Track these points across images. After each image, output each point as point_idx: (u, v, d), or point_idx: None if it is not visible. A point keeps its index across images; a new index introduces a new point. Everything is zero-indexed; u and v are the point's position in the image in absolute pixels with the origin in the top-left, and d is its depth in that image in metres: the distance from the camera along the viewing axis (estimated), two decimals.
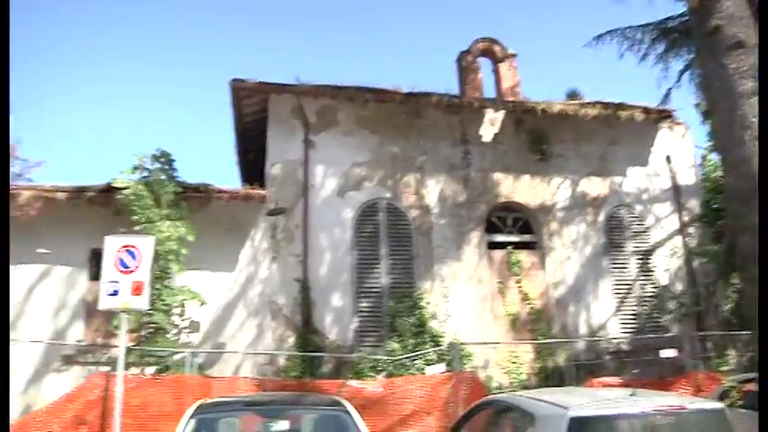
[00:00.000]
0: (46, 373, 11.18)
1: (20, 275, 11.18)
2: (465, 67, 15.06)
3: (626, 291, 13.35)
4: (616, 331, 12.98)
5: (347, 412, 5.51)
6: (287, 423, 5.69)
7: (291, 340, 11.57)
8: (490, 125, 13.47)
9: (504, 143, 13.61)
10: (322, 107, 13.02)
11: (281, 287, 11.82)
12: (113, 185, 10.75)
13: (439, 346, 11.13)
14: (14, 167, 10.38)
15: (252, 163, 14.48)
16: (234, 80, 12.30)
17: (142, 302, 8.14)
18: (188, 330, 10.77)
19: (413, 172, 13.02)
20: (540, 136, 13.74)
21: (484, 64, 15.41)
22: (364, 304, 12.12)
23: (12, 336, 10.16)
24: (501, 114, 13.59)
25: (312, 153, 12.70)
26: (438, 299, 12.25)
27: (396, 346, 11.30)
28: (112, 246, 8.28)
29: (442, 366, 9.83)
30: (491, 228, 13.32)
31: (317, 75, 23.29)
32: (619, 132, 14.16)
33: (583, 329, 12.86)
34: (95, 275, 11.40)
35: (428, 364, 10.27)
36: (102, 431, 8.50)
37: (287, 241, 12.06)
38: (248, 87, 12.56)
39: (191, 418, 5.14)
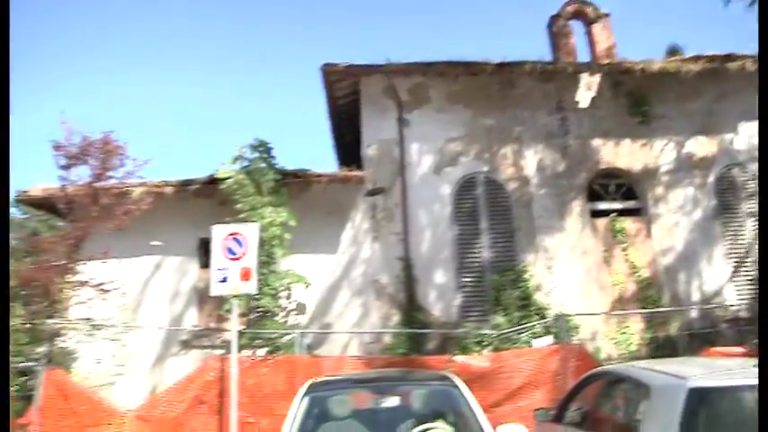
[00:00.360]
0: (166, 357, 11.79)
1: (136, 267, 11.79)
2: (556, 33, 14.60)
3: (742, 255, 12.64)
4: (732, 298, 12.33)
5: (456, 386, 5.47)
6: (397, 399, 5.70)
7: (396, 318, 11.67)
8: (587, 90, 13.00)
9: (603, 108, 13.11)
10: (413, 85, 12.95)
11: (383, 266, 11.93)
12: (216, 177, 11.11)
13: (545, 318, 10.94)
14: (126, 167, 10.87)
15: (348, 145, 14.63)
16: (325, 65, 12.41)
17: (250, 287, 8.43)
18: (295, 312, 11.05)
19: (509, 143, 12.78)
20: (640, 97, 13.15)
21: (576, 27, 14.89)
22: (467, 279, 12.07)
23: (133, 323, 10.77)
24: (597, 78, 13.09)
25: (406, 131, 12.68)
26: (542, 271, 12.04)
27: (501, 320, 11.19)
28: (219, 234, 8.59)
29: (549, 339, 9.67)
30: (593, 196, 12.92)
31: (407, 53, 23.16)
32: (727, 86, 13.32)
33: (695, 297, 12.30)
34: (205, 263, 11.88)
35: (535, 337, 10.12)
36: (220, 410, 8.86)
37: (387, 220, 12.14)
38: (339, 71, 12.65)
39: (304, 396, 5.25)
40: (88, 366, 10.17)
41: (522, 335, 10.57)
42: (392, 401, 5.69)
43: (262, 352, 9.94)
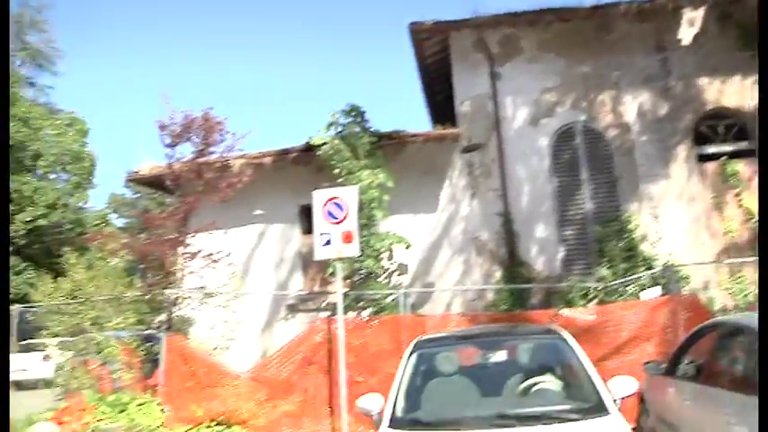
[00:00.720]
0: (274, 322, 12.26)
1: (241, 237, 12.24)
2: None
3: None
4: None
5: (564, 339, 5.35)
6: (503, 354, 5.66)
7: (498, 274, 11.62)
8: (689, 26, 12.22)
9: (708, 44, 12.29)
10: (503, 37, 12.62)
11: (483, 223, 11.85)
12: (312, 144, 11.30)
13: (652, 269, 10.57)
14: (226, 141, 11.23)
15: (440, 103, 14.50)
16: (412, 23, 12.26)
17: (353, 250, 8.57)
18: (397, 273, 11.19)
19: (607, 90, 12.27)
20: (751, 29, 12.27)
21: None
22: (569, 232, 11.82)
23: (242, 290, 11.20)
24: (701, 12, 12.26)
25: (499, 85, 12.41)
26: (647, 220, 11.61)
27: (605, 272, 10.93)
28: (320, 199, 8.75)
29: (657, 290, 9.34)
30: (700, 139, 12.25)
31: (495, 5, 22.51)
32: None
33: None
34: (306, 229, 12.21)
35: (642, 289, 9.82)
36: (329, 369, 9.14)
37: (484, 177, 12.01)
38: (427, 29, 12.47)
39: (411, 353, 5.30)
40: (203, 332, 10.68)
41: (629, 287, 10.29)
42: (499, 356, 5.66)
43: (366, 313, 10.15)
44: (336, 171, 10.69)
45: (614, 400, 4.36)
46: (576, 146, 12.10)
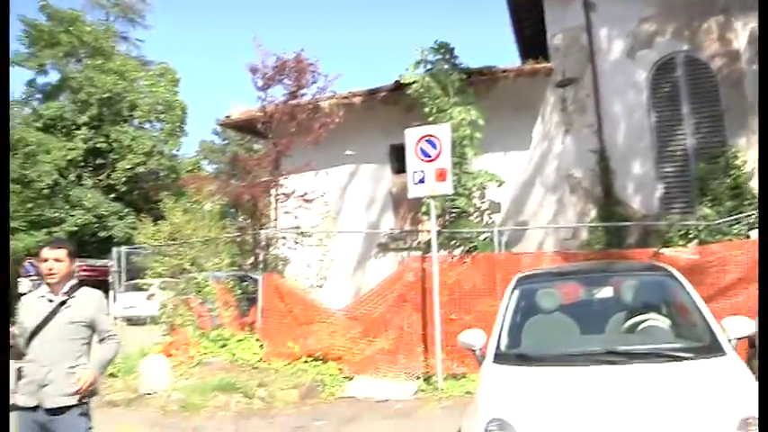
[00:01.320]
0: (366, 260, 12.42)
1: (333, 177, 12.35)
2: None
3: None
4: None
5: (672, 276, 5.08)
6: (608, 290, 5.47)
7: (593, 213, 11.30)
8: None
9: None
10: None
11: (577, 160, 11.50)
12: (401, 82, 11.17)
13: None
14: (317, 82, 11.31)
15: (530, 37, 13.98)
16: None
17: (447, 187, 8.54)
18: (489, 212, 11.07)
19: (714, 16, 11.44)
20: None
21: None
22: (668, 169, 11.30)
23: (335, 230, 11.36)
24: None
25: (593, 16, 11.82)
26: (757, 156, 10.95)
27: (708, 211, 10.41)
28: (412, 137, 8.71)
29: None
30: None
31: None
32: None
33: None
34: (397, 169, 12.20)
35: (750, 229, 9.33)
36: (423, 307, 9.21)
37: (579, 112, 11.59)
38: None
39: (513, 289, 5.21)
40: (298, 271, 10.93)
41: (734, 227, 9.79)
42: (603, 293, 5.49)
43: (457, 252, 10.12)
44: (427, 110, 10.54)
45: (729, 341, 4.11)
46: (677, 78, 11.44)
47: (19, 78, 28.94)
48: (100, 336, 4.04)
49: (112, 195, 25.15)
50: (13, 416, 3.80)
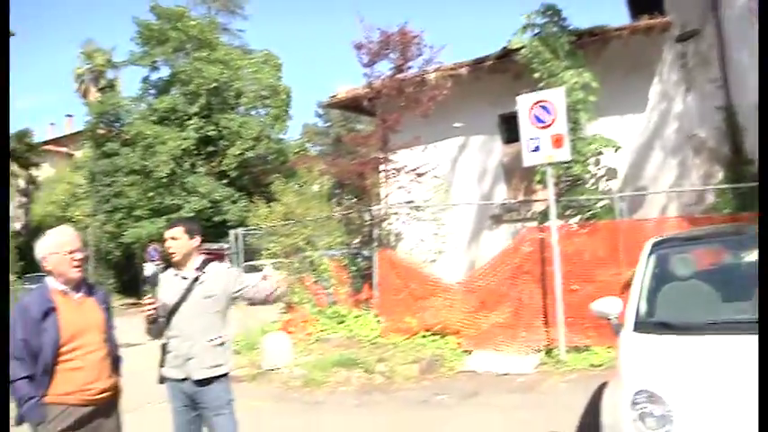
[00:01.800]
0: (480, 233, 12.24)
1: (442, 151, 12.20)
2: None
3: None
4: None
5: None
6: (750, 255, 5.05)
7: (720, 175, 10.60)
8: None
9: None
10: None
11: (700, 119, 10.78)
12: (509, 48, 10.85)
13: None
14: (423, 55, 11.16)
15: None
16: None
17: (564, 153, 8.24)
18: (606, 178, 10.60)
19: None
20: None
21: None
22: None
23: (447, 203, 11.25)
24: None
25: None
26: None
27: None
28: (525, 104, 8.45)
29: None
30: None
31: None
32: None
33: None
34: (507, 139, 11.92)
35: None
36: (542, 278, 8.96)
37: (701, 67, 10.83)
38: None
39: (650, 255, 4.92)
40: (412, 246, 10.91)
41: None
42: (744, 257, 5.09)
43: (574, 221, 9.78)
44: (537, 75, 10.15)
45: None
46: None
47: (134, 77, 30.41)
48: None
49: (225, 181, 26.05)
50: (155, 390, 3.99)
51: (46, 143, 40.73)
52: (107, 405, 3.58)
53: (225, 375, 4.00)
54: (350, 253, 12.09)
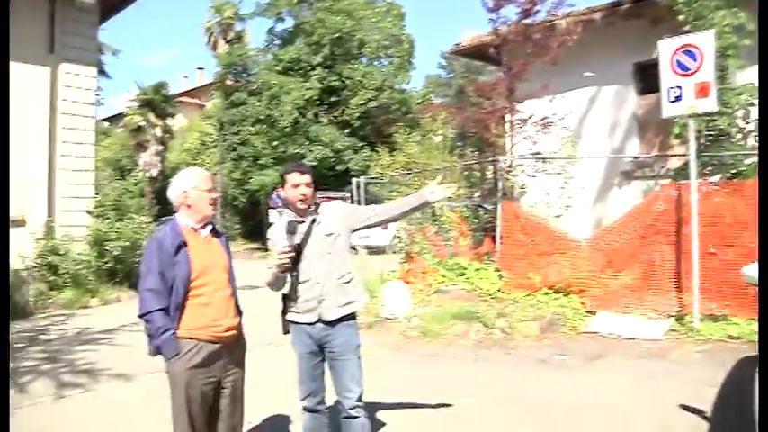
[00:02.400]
0: (608, 189, 11.63)
1: (571, 101, 11.58)
2: None
3: None
4: None
5: None
6: None
7: None
8: None
9: None
10: None
11: None
12: None
13: None
14: None
15: None
16: None
17: (709, 104, 7.55)
18: (754, 133, 9.70)
19: None
20: None
21: None
22: None
23: (575, 156, 10.71)
24: None
25: None
26: None
27: None
28: (668, 49, 7.78)
29: None
30: None
31: None
32: None
33: None
34: (642, 89, 11.17)
35: None
36: (677, 240, 8.36)
37: None
38: None
39: None
40: (537, 199, 10.50)
41: None
42: None
43: (715, 179, 9.02)
44: (681, 17, 9.31)
45: None
46: None
47: (260, 28, 30.91)
48: (372, 211, 4.16)
49: (347, 131, 26.21)
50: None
51: (179, 95, 42.54)
52: (233, 343, 3.65)
53: (354, 319, 3.99)
54: (472, 205, 11.84)
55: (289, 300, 3.96)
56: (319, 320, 3.86)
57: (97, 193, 13.11)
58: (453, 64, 61.18)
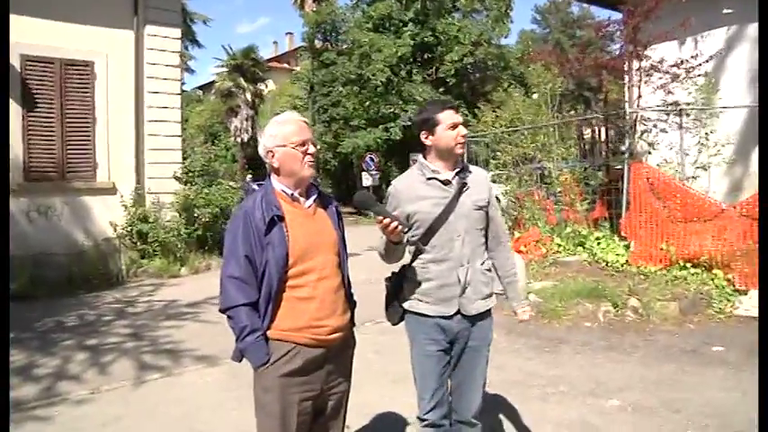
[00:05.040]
0: (750, 146, 10.06)
1: (705, 44, 10.00)
2: None
3: None
4: None
5: None
6: None
7: None
8: None
9: None
10: None
11: None
12: None
13: None
14: None
15: None
16: None
17: None
18: None
19: None
20: None
21: None
22: None
23: (712, 108, 9.27)
24: None
25: None
26: None
27: None
28: None
29: None
30: None
31: None
32: None
33: None
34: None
35: None
36: None
37: None
38: None
39: None
40: (668, 158, 9.15)
41: None
42: None
43: None
44: None
45: None
46: None
47: None
48: (494, 230, 3.19)
49: (442, 89, 24.86)
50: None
51: (269, 60, 42.23)
52: (340, 347, 2.75)
53: (490, 312, 3.14)
54: (593, 165, 10.61)
55: (409, 282, 3.05)
56: (458, 313, 2.98)
57: (185, 158, 12.58)
58: (548, 18, 58.23)
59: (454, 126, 2.98)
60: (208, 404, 4.86)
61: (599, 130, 10.58)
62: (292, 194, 2.67)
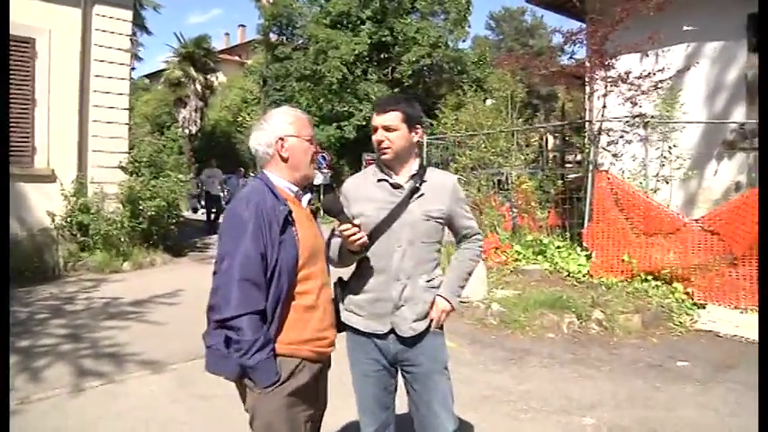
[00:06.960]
0: (705, 161, 10.20)
1: (666, 59, 10.04)
2: None
3: None
4: None
5: None
6: None
7: None
8: None
9: None
10: None
11: None
12: None
13: None
14: None
15: None
16: None
17: None
18: None
19: None
20: None
21: None
22: None
23: (669, 121, 9.31)
24: None
25: None
26: None
27: None
28: None
29: None
30: None
31: None
32: None
33: None
34: (756, 46, 9.68)
35: None
36: None
37: None
38: None
39: None
40: (629, 170, 9.15)
41: None
42: None
43: None
44: None
45: None
46: None
47: None
48: (460, 233, 2.88)
49: (397, 89, 24.68)
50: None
51: (220, 52, 41.41)
52: (328, 362, 2.60)
53: (441, 326, 2.79)
54: (553, 173, 10.57)
55: (349, 290, 2.77)
56: (392, 332, 2.69)
57: (132, 149, 12.04)
58: (502, 26, 58.80)
59: (374, 130, 2.72)
60: (157, 418, 4.44)
61: (546, 139, 10.50)
62: (296, 192, 2.44)
